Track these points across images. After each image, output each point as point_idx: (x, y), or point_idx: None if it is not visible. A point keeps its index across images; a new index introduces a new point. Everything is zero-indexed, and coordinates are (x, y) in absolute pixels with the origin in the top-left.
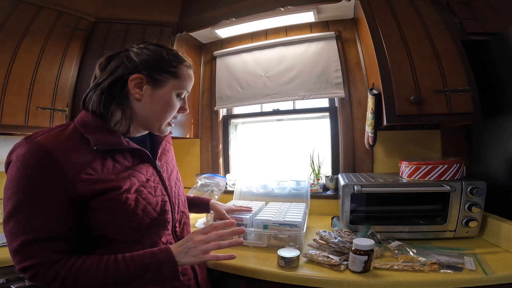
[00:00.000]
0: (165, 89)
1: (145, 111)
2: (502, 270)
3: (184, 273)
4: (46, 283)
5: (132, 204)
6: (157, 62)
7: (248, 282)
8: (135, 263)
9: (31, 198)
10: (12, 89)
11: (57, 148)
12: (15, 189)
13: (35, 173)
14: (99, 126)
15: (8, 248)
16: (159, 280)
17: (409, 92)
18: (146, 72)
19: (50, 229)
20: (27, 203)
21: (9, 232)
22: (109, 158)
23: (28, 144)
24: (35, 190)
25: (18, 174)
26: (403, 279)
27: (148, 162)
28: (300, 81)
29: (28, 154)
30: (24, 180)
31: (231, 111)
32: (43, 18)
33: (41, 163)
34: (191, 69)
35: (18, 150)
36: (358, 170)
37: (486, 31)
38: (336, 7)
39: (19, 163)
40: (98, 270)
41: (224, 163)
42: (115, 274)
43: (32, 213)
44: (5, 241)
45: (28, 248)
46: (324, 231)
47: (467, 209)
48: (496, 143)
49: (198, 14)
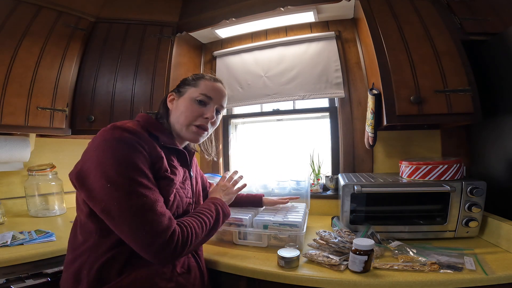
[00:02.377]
0: (185, 96)
1: (174, 118)
2: (502, 270)
3: (190, 271)
4: (182, 245)
5: (172, 197)
6: (186, 80)
7: (248, 282)
8: (209, 208)
9: (138, 164)
10: (12, 89)
11: (141, 133)
12: (123, 157)
13: (132, 145)
14: (162, 127)
15: (142, 223)
16: (224, 217)
17: (409, 92)
18: (177, 89)
19: (160, 198)
20: (139, 170)
21: (139, 204)
22: (166, 155)
23: (121, 128)
24: (138, 158)
25: (119, 147)
26: (403, 279)
27: (185, 167)
28: (300, 81)
29: (119, 133)
30: (127, 149)
31: (231, 111)
32: (43, 18)
33: (133, 139)
34: (212, 82)
35: (111, 133)
36: (358, 170)
37: (486, 31)
38: (336, 7)
39: (115, 141)
40: (200, 225)
41: (224, 163)
42: (208, 223)
43: (145, 180)
44: (5, 241)
45: (161, 216)
46: (324, 231)
47: (467, 209)
48: (496, 143)
49: (198, 14)
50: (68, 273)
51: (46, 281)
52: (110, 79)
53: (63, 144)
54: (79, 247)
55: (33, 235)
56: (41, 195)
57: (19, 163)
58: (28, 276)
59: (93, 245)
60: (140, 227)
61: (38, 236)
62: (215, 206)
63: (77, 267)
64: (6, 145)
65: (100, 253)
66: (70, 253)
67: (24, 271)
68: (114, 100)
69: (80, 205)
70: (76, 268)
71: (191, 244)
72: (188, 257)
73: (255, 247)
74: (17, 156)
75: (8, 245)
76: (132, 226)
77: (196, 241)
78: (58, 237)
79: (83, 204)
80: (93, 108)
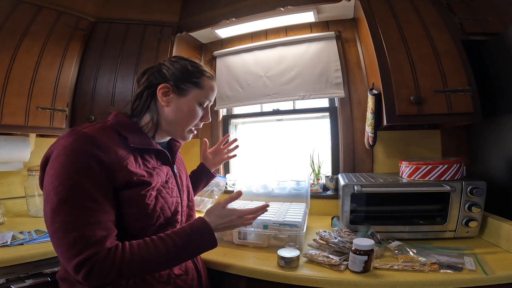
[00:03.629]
0: (188, 98)
1: (170, 118)
2: (502, 270)
3: (188, 273)
4: (102, 276)
5: (154, 201)
6: (182, 74)
7: (248, 282)
8: (179, 236)
9: (83, 185)
10: (12, 89)
11: (102, 138)
12: (66, 175)
13: (84, 160)
14: (134, 127)
15: (58, 243)
16: (201, 249)
17: (409, 92)
18: (173, 82)
19: (102, 218)
20: (80, 190)
21: (62, 223)
22: (139, 156)
23: (76, 135)
24: (86, 176)
25: (67, 161)
26: (403, 279)
27: (168, 165)
28: (300, 81)
29: (77, 143)
30: (74, 166)
31: (231, 111)
32: (43, 18)
33: (89, 151)
34: (213, 80)
35: (63, 140)
36: (358, 170)
37: (486, 31)
38: (336, 7)
39: (68, 151)
40: (149, 252)
41: (224, 163)
42: (165, 251)
43: (85, 200)
44: (5, 241)
45: (83, 239)
46: (324, 231)
47: (467, 209)
48: (496, 143)
49: (198, 14)
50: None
51: (46, 281)
52: (110, 79)
53: None
54: None
55: (33, 235)
56: (41, 195)
57: (19, 163)
58: (28, 276)
59: None
60: (58, 244)
61: (38, 236)
62: (190, 229)
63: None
64: (6, 145)
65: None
66: None
67: (24, 271)
68: (114, 100)
69: None
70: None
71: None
72: None
73: (255, 247)
74: (17, 156)
75: (8, 245)
76: (53, 242)
77: (134, 269)
78: None
79: None
80: (93, 108)
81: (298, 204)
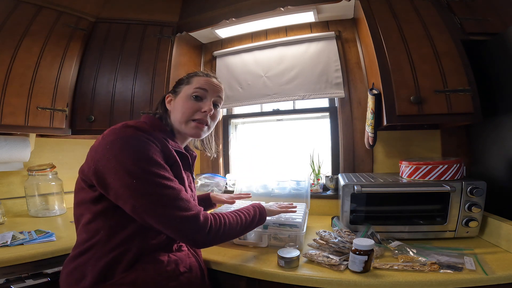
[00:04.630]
0: (180, 94)
1: (173, 118)
2: (502, 270)
3: (191, 271)
4: (215, 233)
5: None
6: (179, 80)
7: (248, 282)
8: (248, 214)
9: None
10: (12, 89)
11: (152, 132)
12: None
13: (145, 145)
14: (166, 129)
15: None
16: (258, 224)
17: (409, 92)
18: (173, 90)
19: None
20: (157, 170)
21: (163, 198)
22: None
23: (134, 127)
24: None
25: (135, 150)
26: (403, 279)
27: (189, 171)
28: (300, 81)
29: (130, 131)
30: (151, 152)
31: (231, 111)
32: (43, 18)
33: (144, 137)
34: (207, 77)
35: (124, 132)
36: (358, 170)
37: (486, 31)
38: (336, 7)
39: (131, 140)
40: (236, 221)
41: (224, 163)
42: (242, 223)
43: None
44: (5, 241)
45: (187, 202)
46: (324, 231)
47: (467, 209)
48: (496, 143)
49: (198, 14)
50: (68, 269)
51: (46, 281)
52: (110, 79)
53: (63, 144)
54: (83, 244)
55: (33, 235)
56: (41, 195)
57: (19, 163)
58: (28, 276)
59: (99, 242)
60: (172, 217)
61: (38, 236)
62: (254, 208)
63: (81, 263)
64: (6, 145)
65: (107, 250)
66: (72, 251)
67: (24, 271)
68: (114, 100)
69: (85, 203)
70: (79, 264)
71: (223, 233)
72: (189, 256)
73: (255, 247)
74: (17, 156)
75: (8, 245)
76: (164, 217)
77: (229, 232)
78: (58, 237)
79: (93, 202)
80: (93, 108)
81: (298, 204)
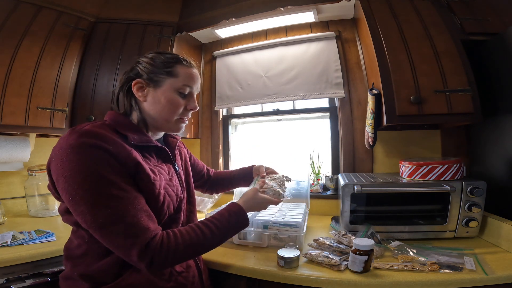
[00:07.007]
0: (164, 88)
1: (152, 112)
2: (502, 270)
3: (189, 270)
4: (163, 261)
5: (161, 199)
6: (153, 66)
7: (248, 282)
8: (219, 220)
9: (105, 176)
10: (12, 89)
11: (105, 133)
12: (86, 171)
13: (95, 153)
14: (131, 124)
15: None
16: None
17: (409, 92)
18: (146, 76)
19: (138, 203)
20: (105, 182)
21: (106, 218)
22: (141, 155)
23: (78, 132)
24: (103, 167)
25: (79, 157)
26: (403, 279)
27: (169, 162)
28: (300, 81)
29: (82, 139)
30: (89, 160)
31: (231, 111)
32: (43, 18)
33: (96, 144)
34: (191, 68)
35: (66, 140)
36: (358, 170)
37: (486, 31)
38: (336, 7)
39: (76, 148)
40: (198, 236)
41: (224, 163)
42: (211, 235)
43: (113, 190)
44: (5, 241)
45: (132, 227)
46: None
47: (467, 209)
48: (496, 143)
49: (198, 14)
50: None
51: (46, 281)
52: (110, 79)
53: None
54: (75, 250)
55: (33, 235)
56: (41, 195)
57: (19, 163)
58: (28, 276)
59: (88, 249)
60: (110, 241)
61: (38, 236)
62: (228, 213)
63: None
64: (6, 145)
65: (100, 255)
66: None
67: (24, 271)
68: None
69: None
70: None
71: (176, 254)
72: None
73: (255, 247)
74: (17, 156)
75: (8, 245)
76: (104, 238)
77: (191, 250)
78: (58, 237)
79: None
80: (93, 108)
81: (298, 204)
